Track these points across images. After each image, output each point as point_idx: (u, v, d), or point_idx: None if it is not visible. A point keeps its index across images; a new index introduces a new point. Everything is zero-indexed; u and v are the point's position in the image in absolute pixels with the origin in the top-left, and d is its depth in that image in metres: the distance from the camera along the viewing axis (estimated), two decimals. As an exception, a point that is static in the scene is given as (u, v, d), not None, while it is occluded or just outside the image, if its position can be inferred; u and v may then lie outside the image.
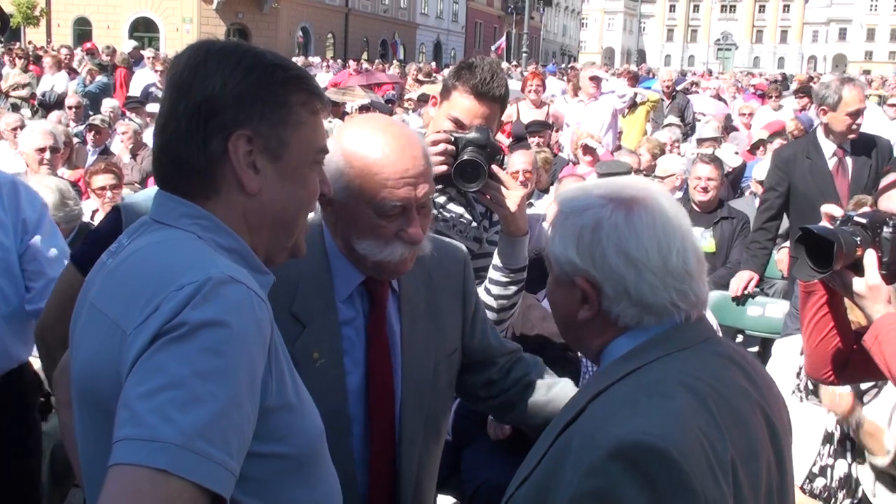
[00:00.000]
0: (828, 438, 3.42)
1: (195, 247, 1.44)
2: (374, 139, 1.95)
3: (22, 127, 8.12)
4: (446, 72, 24.22)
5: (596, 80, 10.34)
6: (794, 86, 17.36)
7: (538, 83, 10.46)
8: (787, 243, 6.67)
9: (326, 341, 1.99)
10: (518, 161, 6.59)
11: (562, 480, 1.44)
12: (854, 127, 5.40)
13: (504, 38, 47.65)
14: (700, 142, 9.49)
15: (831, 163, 5.54)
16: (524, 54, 36.72)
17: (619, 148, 9.52)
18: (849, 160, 5.56)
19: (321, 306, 2.00)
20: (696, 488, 1.36)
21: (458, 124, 2.83)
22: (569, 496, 1.40)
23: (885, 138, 5.94)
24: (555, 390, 2.29)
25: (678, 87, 13.61)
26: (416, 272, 2.09)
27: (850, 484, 3.37)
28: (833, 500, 3.37)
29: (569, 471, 1.43)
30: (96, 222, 5.38)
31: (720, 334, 2.48)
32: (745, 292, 5.83)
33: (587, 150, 7.80)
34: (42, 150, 6.15)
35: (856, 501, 3.36)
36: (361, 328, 2.04)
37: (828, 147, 5.54)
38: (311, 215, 1.66)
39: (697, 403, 1.46)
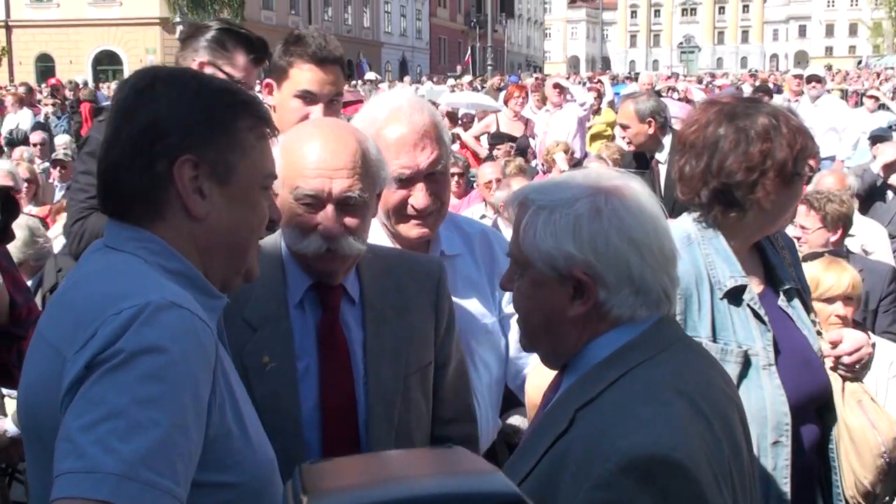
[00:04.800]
0: None
1: (139, 271, 1.42)
2: (305, 132, 2.02)
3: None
4: (414, 87, 23.98)
5: (559, 87, 10.43)
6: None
7: (523, 96, 10.62)
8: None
9: (277, 346, 1.98)
10: (487, 172, 6.81)
11: (560, 492, 1.42)
12: None
13: (469, 52, 47.84)
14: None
15: None
16: (489, 67, 36.88)
17: (586, 155, 9.58)
18: None
19: (273, 311, 2.00)
20: (707, 498, 1.36)
21: (309, 98, 2.84)
22: None
23: None
24: None
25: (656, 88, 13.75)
26: (384, 282, 2.08)
27: None
28: None
29: (569, 482, 1.40)
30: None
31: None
32: None
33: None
34: None
35: None
36: (311, 336, 2.03)
37: None
38: None
39: (692, 408, 1.44)
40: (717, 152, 2.21)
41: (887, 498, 3.26)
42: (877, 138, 9.03)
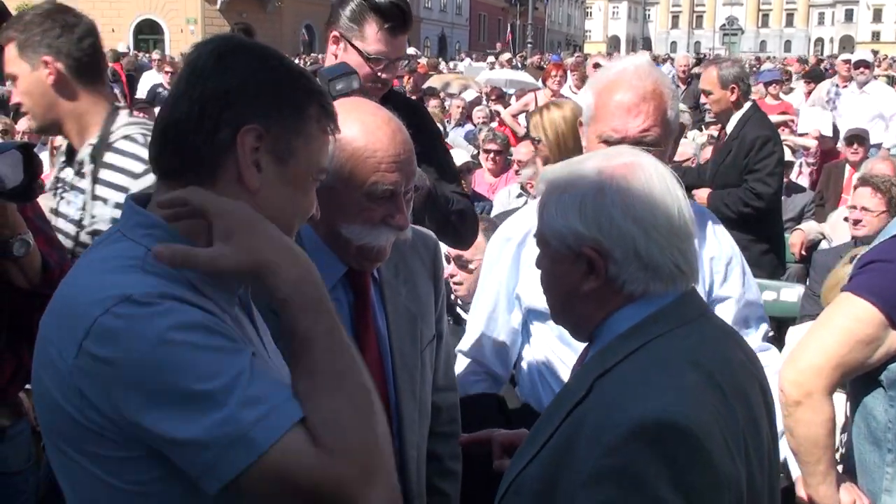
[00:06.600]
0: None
1: (122, 267, 1.39)
2: (365, 123, 1.92)
3: (28, 133, 8.13)
4: (452, 64, 23.94)
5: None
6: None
7: (561, 74, 10.50)
8: (801, 226, 6.63)
9: None
10: (522, 151, 6.82)
11: (575, 459, 1.44)
12: None
13: (509, 29, 47.58)
14: (706, 125, 9.57)
15: None
16: (529, 45, 36.66)
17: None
18: None
19: None
20: (717, 465, 1.38)
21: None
22: (588, 475, 1.40)
23: None
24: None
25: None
26: (392, 258, 2.06)
27: None
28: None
29: (583, 449, 1.43)
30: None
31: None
32: None
33: None
34: None
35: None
36: (347, 320, 2.01)
37: None
38: None
39: (707, 380, 1.47)
40: None
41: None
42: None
